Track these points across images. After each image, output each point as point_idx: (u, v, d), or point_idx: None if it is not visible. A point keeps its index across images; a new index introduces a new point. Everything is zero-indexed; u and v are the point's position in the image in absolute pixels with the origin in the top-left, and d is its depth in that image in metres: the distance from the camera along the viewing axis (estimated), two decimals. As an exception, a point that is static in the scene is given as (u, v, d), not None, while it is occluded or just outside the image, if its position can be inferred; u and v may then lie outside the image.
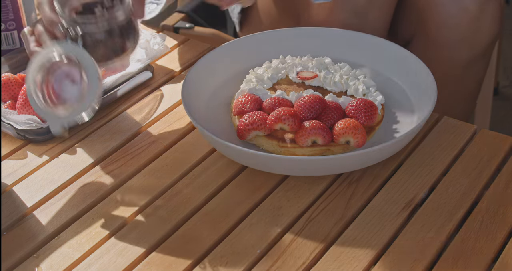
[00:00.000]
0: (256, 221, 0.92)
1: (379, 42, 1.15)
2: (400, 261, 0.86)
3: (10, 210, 0.95)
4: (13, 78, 1.09)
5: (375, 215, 0.92)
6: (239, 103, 1.02)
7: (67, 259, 0.88)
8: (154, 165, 1.01)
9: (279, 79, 1.09)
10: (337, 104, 1.01)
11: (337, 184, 0.97)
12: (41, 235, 0.91)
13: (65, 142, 1.05)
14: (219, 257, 0.87)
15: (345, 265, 0.86)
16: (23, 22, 1.18)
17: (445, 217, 0.92)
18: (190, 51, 1.25)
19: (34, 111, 1.05)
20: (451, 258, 0.86)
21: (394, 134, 1.03)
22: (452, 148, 1.03)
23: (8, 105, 1.08)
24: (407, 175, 0.99)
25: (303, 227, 0.91)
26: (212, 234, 0.90)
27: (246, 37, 1.17)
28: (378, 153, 0.96)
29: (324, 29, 1.18)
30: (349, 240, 0.89)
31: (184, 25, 1.49)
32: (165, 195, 0.96)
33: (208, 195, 0.96)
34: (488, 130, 1.05)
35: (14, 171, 1.01)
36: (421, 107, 1.04)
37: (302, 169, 0.97)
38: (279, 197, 0.96)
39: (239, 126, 0.99)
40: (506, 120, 2.08)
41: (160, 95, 1.15)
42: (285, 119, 0.97)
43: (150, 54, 1.18)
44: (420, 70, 1.08)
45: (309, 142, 0.97)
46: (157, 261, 0.87)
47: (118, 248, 0.89)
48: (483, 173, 0.99)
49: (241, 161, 0.99)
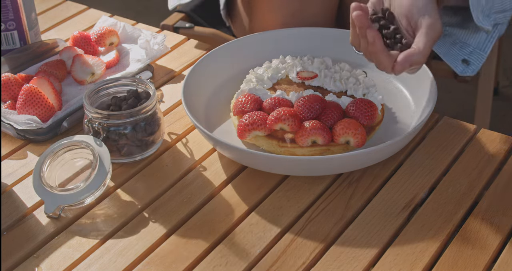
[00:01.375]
0: (256, 221, 0.92)
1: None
2: (400, 261, 0.86)
3: (10, 210, 0.95)
4: (13, 78, 1.09)
5: (375, 215, 0.92)
6: (239, 103, 1.02)
7: (67, 259, 0.88)
8: (154, 165, 1.01)
9: (279, 79, 1.09)
10: (337, 104, 1.01)
11: (337, 184, 0.97)
12: (41, 235, 0.91)
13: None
14: (219, 257, 0.87)
15: (345, 265, 0.86)
16: (23, 22, 1.18)
17: (445, 217, 0.92)
18: (190, 51, 1.25)
19: (34, 111, 1.05)
20: (451, 258, 0.86)
21: (394, 135, 1.03)
22: (452, 148, 1.03)
23: (8, 105, 1.08)
24: (407, 175, 0.99)
25: (303, 227, 0.91)
26: (212, 234, 0.90)
27: (246, 37, 1.17)
28: (378, 153, 0.96)
29: (324, 29, 1.18)
30: (349, 240, 0.89)
31: (184, 25, 1.49)
32: (165, 195, 0.96)
33: (208, 195, 0.96)
34: (488, 130, 1.05)
35: (14, 171, 1.01)
36: (421, 107, 1.04)
37: (302, 169, 0.97)
38: (279, 197, 0.96)
39: (239, 127, 0.99)
40: (506, 120, 2.08)
41: (160, 95, 1.15)
42: (285, 119, 0.97)
43: (150, 54, 1.18)
44: (420, 70, 1.08)
45: (309, 142, 0.97)
46: (157, 261, 0.87)
47: (118, 248, 0.89)
48: (483, 173, 0.99)
49: (241, 161, 0.99)
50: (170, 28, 1.47)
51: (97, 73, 1.14)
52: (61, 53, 1.17)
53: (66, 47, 1.18)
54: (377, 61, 0.97)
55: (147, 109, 0.99)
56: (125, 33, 1.24)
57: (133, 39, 1.23)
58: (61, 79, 1.14)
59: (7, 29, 1.17)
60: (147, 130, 1.00)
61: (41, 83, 1.07)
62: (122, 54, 1.20)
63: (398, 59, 0.95)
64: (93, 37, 1.20)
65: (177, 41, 1.28)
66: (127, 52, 1.20)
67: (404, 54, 0.95)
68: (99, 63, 1.14)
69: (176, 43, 1.27)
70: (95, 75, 1.14)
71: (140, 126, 0.99)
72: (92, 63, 1.14)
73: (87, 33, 1.20)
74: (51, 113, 1.06)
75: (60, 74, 1.14)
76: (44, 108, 1.05)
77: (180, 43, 1.28)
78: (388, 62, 0.96)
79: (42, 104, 1.05)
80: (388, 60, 0.96)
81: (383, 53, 0.96)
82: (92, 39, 1.20)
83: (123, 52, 1.21)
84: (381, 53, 0.96)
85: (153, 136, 1.01)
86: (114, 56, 1.18)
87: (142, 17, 2.55)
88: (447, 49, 1.15)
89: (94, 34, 1.20)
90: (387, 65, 0.96)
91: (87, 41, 1.19)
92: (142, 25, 1.32)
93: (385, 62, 0.96)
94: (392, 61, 0.96)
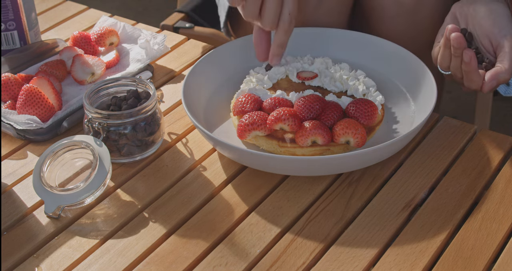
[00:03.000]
0: (256, 221, 0.92)
1: (379, 42, 1.15)
2: (400, 261, 0.86)
3: (10, 210, 0.95)
4: (13, 78, 1.09)
5: (375, 215, 0.92)
6: (239, 103, 1.02)
7: (67, 259, 0.88)
8: (154, 165, 1.01)
9: (279, 79, 1.09)
10: (337, 104, 1.01)
11: (337, 184, 0.97)
12: (41, 235, 0.91)
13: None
14: (219, 257, 0.87)
15: (345, 265, 0.86)
16: (23, 22, 1.18)
17: (445, 217, 0.92)
18: (190, 51, 1.25)
19: (34, 111, 1.05)
20: (451, 258, 0.86)
21: (394, 135, 1.03)
22: (452, 148, 1.03)
23: (8, 105, 1.08)
24: (407, 175, 0.99)
25: (303, 227, 0.91)
26: (212, 234, 0.90)
27: (246, 37, 1.17)
28: (378, 153, 0.96)
29: (324, 29, 1.18)
30: (349, 240, 0.89)
31: (184, 25, 1.49)
32: (165, 195, 0.96)
33: (208, 195, 0.96)
34: (488, 130, 1.05)
35: (14, 171, 1.01)
36: (421, 107, 1.04)
37: (302, 169, 0.97)
38: (279, 197, 0.96)
39: (239, 127, 0.99)
40: (506, 120, 2.08)
41: (160, 95, 1.15)
42: (285, 119, 0.97)
43: (150, 54, 1.18)
44: (420, 70, 1.08)
45: (309, 142, 0.97)
46: (157, 261, 0.87)
47: (118, 248, 0.89)
48: (483, 173, 0.99)
49: (241, 161, 0.99)
50: (170, 28, 1.48)
51: (97, 73, 1.14)
52: (61, 53, 1.17)
53: (66, 47, 1.18)
54: (469, 80, 1.02)
55: (147, 109, 0.99)
56: (125, 33, 1.24)
57: (133, 39, 1.23)
58: (61, 79, 1.14)
59: (7, 29, 1.17)
60: (147, 130, 1.00)
61: (41, 83, 1.07)
62: (122, 54, 1.20)
63: (486, 78, 1.01)
64: (93, 37, 1.20)
65: (177, 41, 1.28)
66: (127, 52, 1.20)
67: (491, 73, 1.01)
68: (99, 63, 1.14)
69: (176, 43, 1.27)
70: (95, 75, 1.14)
71: (140, 126, 0.99)
72: (92, 63, 1.14)
73: (87, 33, 1.20)
74: (51, 113, 1.06)
75: (60, 74, 1.14)
76: (44, 108, 1.05)
77: (180, 43, 1.28)
78: (479, 81, 1.02)
79: (42, 104, 1.05)
80: (479, 79, 1.01)
81: (476, 72, 1.01)
82: (92, 39, 1.20)
83: (123, 52, 1.21)
84: (475, 72, 1.01)
85: (153, 136, 1.01)
86: (114, 56, 1.18)
87: (142, 17, 2.55)
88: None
89: (94, 34, 1.20)
90: (478, 83, 1.02)
91: (87, 41, 1.19)
92: (142, 25, 1.32)
93: (477, 81, 1.01)
94: (482, 79, 1.02)
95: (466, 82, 1.03)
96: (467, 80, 1.03)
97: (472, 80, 1.02)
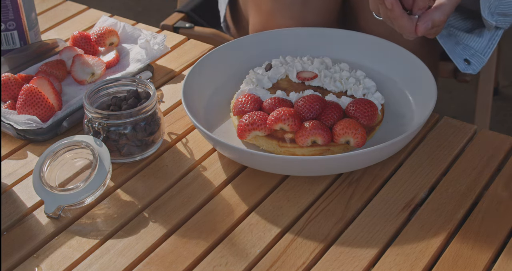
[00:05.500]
0: (256, 221, 0.92)
1: (379, 42, 1.15)
2: (400, 261, 0.86)
3: (10, 210, 0.95)
4: (13, 78, 1.09)
5: (375, 215, 0.92)
6: (239, 103, 1.02)
7: (67, 259, 0.88)
8: (154, 165, 1.01)
9: (279, 79, 1.09)
10: (337, 104, 1.01)
11: (337, 184, 0.97)
12: (41, 235, 0.91)
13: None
14: (219, 257, 0.87)
15: (345, 265, 0.86)
16: (23, 22, 1.18)
17: (445, 217, 0.92)
18: (190, 51, 1.25)
19: (34, 111, 1.05)
20: (451, 258, 0.86)
21: (394, 135, 1.03)
22: (452, 148, 1.03)
23: (8, 105, 1.08)
24: (407, 175, 0.99)
25: (303, 227, 0.91)
26: (212, 234, 0.90)
27: (246, 37, 1.17)
28: (378, 153, 0.96)
29: (324, 29, 1.18)
30: (349, 240, 0.89)
31: (184, 25, 1.49)
32: (165, 195, 0.96)
33: (208, 195, 0.96)
34: (488, 130, 1.05)
35: (14, 171, 1.01)
36: (421, 107, 1.04)
37: (302, 169, 0.97)
38: (279, 197, 0.96)
39: (239, 127, 0.99)
40: (506, 120, 2.08)
41: (160, 95, 1.15)
42: (285, 119, 0.97)
43: (150, 54, 1.18)
44: (420, 70, 1.08)
45: (309, 142, 0.97)
46: (157, 261, 0.87)
47: (118, 248, 0.89)
48: (483, 173, 0.99)
49: (241, 161, 0.99)
50: (170, 28, 1.48)
51: (97, 73, 1.14)
52: (61, 53, 1.17)
53: (66, 47, 1.18)
54: (399, 26, 0.98)
55: (147, 109, 0.99)
56: (125, 33, 1.24)
57: (133, 39, 1.23)
58: (61, 79, 1.14)
59: (7, 29, 1.17)
60: (147, 130, 1.00)
61: (41, 83, 1.07)
62: (122, 54, 1.20)
63: (419, 19, 0.96)
64: (93, 37, 1.20)
65: (177, 41, 1.28)
66: (127, 52, 1.20)
67: (424, 15, 0.96)
68: (99, 63, 1.14)
69: (176, 43, 1.27)
70: (95, 75, 1.14)
71: (140, 126, 0.99)
72: (92, 63, 1.14)
73: (87, 33, 1.20)
74: (51, 113, 1.06)
75: (60, 74, 1.14)
76: (44, 108, 1.05)
77: (180, 43, 1.28)
78: (409, 26, 0.97)
79: (42, 104, 1.05)
80: (409, 24, 0.97)
81: (403, 17, 0.96)
82: (92, 39, 1.20)
83: (123, 52, 1.21)
84: (401, 18, 0.96)
85: (153, 136, 1.01)
86: (114, 56, 1.18)
87: (142, 17, 2.55)
88: (452, 46, 1.17)
89: (94, 34, 1.20)
90: (409, 28, 0.97)
91: (87, 41, 1.19)
92: (142, 25, 1.32)
93: (407, 26, 0.97)
94: (414, 24, 0.97)
95: (397, 29, 1.00)
96: (397, 27, 0.99)
97: (401, 26, 0.98)
